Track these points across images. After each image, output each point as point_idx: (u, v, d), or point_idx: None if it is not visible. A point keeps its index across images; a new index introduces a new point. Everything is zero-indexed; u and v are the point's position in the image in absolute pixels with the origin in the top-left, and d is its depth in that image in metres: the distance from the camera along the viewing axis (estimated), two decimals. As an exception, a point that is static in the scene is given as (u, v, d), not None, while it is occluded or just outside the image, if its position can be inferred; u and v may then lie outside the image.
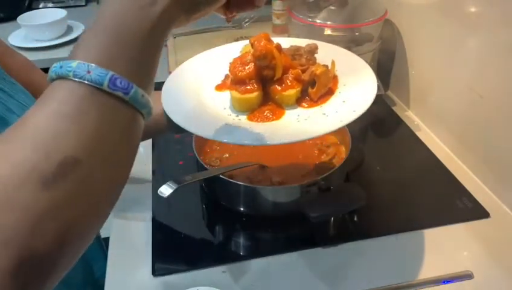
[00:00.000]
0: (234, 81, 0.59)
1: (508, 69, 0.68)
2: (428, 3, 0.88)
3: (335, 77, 0.61)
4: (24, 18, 1.35)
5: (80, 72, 0.29)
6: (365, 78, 0.59)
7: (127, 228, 0.71)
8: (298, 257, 0.65)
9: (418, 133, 0.91)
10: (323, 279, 0.61)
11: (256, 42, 0.58)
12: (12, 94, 0.59)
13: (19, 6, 1.51)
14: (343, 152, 0.77)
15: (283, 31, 1.25)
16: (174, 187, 0.66)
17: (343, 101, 0.57)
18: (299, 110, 0.58)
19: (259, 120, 0.57)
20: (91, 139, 0.29)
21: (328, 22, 0.91)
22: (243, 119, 0.57)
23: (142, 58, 0.33)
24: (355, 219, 0.71)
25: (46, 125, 0.28)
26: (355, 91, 0.58)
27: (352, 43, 0.91)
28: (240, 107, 0.58)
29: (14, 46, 1.32)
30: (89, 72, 0.29)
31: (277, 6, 1.25)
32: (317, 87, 0.57)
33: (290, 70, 0.59)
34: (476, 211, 0.71)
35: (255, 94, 0.57)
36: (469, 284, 0.60)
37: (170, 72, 1.17)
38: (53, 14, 1.38)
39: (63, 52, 1.32)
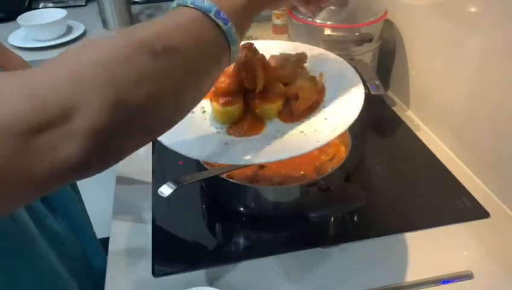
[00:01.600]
0: (215, 93, 0.57)
1: (508, 69, 0.68)
2: (428, 3, 0.88)
3: (322, 89, 0.60)
4: (24, 18, 1.35)
5: (197, 2, 0.38)
6: (353, 93, 0.57)
7: (127, 228, 0.71)
8: (298, 257, 0.65)
9: (418, 133, 0.91)
10: (323, 279, 0.61)
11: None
12: None
13: (19, 6, 1.51)
14: (343, 152, 0.77)
15: (283, 31, 1.25)
16: (174, 187, 0.66)
17: (325, 118, 0.55)
18: (279, 125, 0.56)
19: (237, 134, 0.56)
20: (191, 43, 0.37)
21: (328, 22, 0.91)
22: (222, 133, 0.56)
23: (243, 9, 0.41)
24: (355, 219, 0.71)
25: (165, 25, 0.37)
26: (340, 107, 0.56)
27: (352, 43, 0.91)
28: (220, 119, 0.57)
29: (14, 46, 1.32)
30: (203, 1, 0.38)
31: (277, 6, 1.25)
32: (299, 102, 0.56)
33: (273, 83, 0.57)
34: (476, 211, 0.71)
35: (235, 106, 0.56)
36: (469, 284, 0.60)
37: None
38: (53, 14, 1.37)
39: (63, 52, 1.32)
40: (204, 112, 0.60)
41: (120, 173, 0.82)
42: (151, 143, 0.88)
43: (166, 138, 0.52)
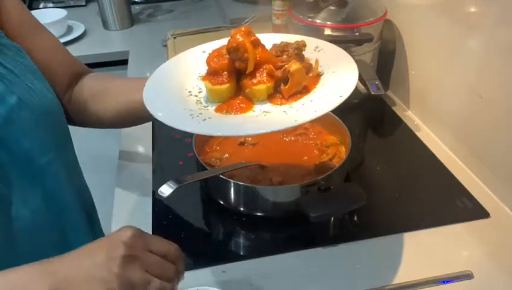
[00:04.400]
0: (209, 72, 0.59)
1: (508, 69, 0.68)
2: (428, 3, 0.88)
3: (317, 76, 0.60)
4: (24, 18, 1.35)
5: None
6: (345, 81, 0.57)
7: (127, 228, 0.71)
8: (298, 257, 0.65)
9: (418, 133, 0.91)
10: (323, 279, 0.61)
11: (233, 34, 0.58)
12: (20, 75, 0.59)
13: (19, 6, 1.51)
14: (343, 152, 0.77)
15: (283, 31, 1.24)
16: (174, 187, 0.66)
17: (311, 101, 0.56)
18: (267, 106, 0.57)
19: (224, 111, 0.57)
20: None
21: (328, 22, 0.91)
22: (210, 110, 0.58)
23: None
24: (355, 219, 0.71)
25: None
26: (328, 92, 0.56)
27: (352, 43, 0.91)
28: (211, 98, 0.59)
29: (14, 46, 1.32)
30: None
31: (277, 6, 1.25)
32: (289, 85, 0.56)
33: (264, 65, 0.58)
34: (476, 211, 0.71)
35: (225, 86, 0.58)
36: (469, 284, 0.60)
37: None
38: (53, 14, 1.38)
39: (63, 52, 1.32)
40: (200, 91, 0.62)
41: (120, 172, 0.82)
42: (151, 143, 0.88)
43: (160, 111, 0.55)
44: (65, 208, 0.66)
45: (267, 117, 0.55)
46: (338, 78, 0.58)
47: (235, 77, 0.59)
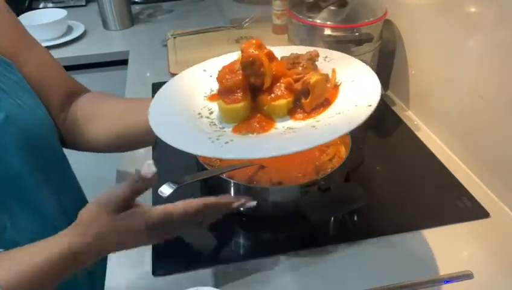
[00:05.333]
0: (221, 91, 0.55)
1: (508, 69, 0.68)
2: (428, 3, 0.88)
3: (336, 87, 0.57)
4: (24, 18, 1.35)
5: None
6: (368, 89, 0.55)
7: (127, 228, 0.71)
8: (298, 257, 0.65)
9: (418, 133, 0.91)
10: (323, 279, 0.61)
11: (244, 48, 0.54)
12: (9, 92, 0.56)
13: (19, 6, 1.51)
14: (343, 152, 0.77)
15: (283, 31, 1.25)
16: (174, 187, 0.66)
17: (338, 113, 0.53)
18: (290, 123, 0.54)
19: (243, 132, 0.53)
20: None
21: (328, 22, 0.91)
22: (228, 132, 0.53)
23: None
24: (355, 218, 0.71)
25: None
26: (353, 102, 0.54)
27: (352, 43, 0.91)
28: (227, 118, 0.55)
29: (14, 46, 1.32)
30: None
31: (277, 6, 1.25)
32: (310, 98, 0.53)
33: (281, 79, 0.55)
34: (476, 211, 0.71)
35: (241, 104, 0.54)
36: (469, 284, 0.60)
37: (170, 72, 1.17)
38: (53, 14, 1.38)
39: (63, 52, 1.32)
40: (211, 112, 0.58)
41: (120, 172, 0.82)
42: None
43: (171, 137, 0.52)
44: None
45: (298, 134, 0.51)
46: (359, 86, 0.56)
47: (250, 94, 0.55)
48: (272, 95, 0.54)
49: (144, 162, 0.48)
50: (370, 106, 0.51)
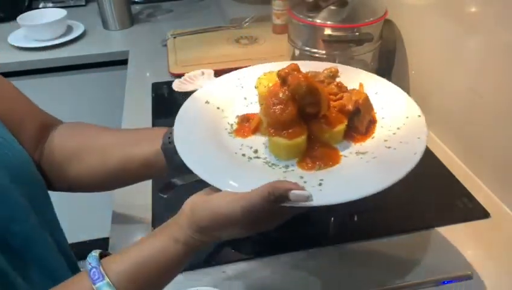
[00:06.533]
0: (277, 127, 0.49)
1: (508, 69, 0.68)
2: (428, 3, 0.88)
3: (368, 100, 0.56)
4: (24, 18, 1.35)
5: (95, 278, 0.43)
6: (398, 100, 0.58)
7: (126, 228, 0.71)
8: (298, 257, 0.65)
9: (418, 133, 0.91)
10: (323, 279, 0.61)
11: (290, 77, 0.49)
12: None
13: (19, 6, 1.51)
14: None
15: (283, 30, 1.25)
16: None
17: (398, 128, 0.53)
18: (352, 147, 0.51)
19: (317, 168, 0.48)
20: None
21: (328, 22, 0.91)
22: (297, 170, 0.48)
23: None
24: (355, 219, 0.71)
25: None
26: (406, 114, 0.55)
27: (352, 43, 0.91)
28: (287, 155, 0.49)
29: (14, 46, 1.32)
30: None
31: (277, 6, 1.25)
32: (362, 116, 0.51)
33: (330, 102, 0.51)
34: (476, 211, 0.71)
35: (303, 137, 0.49)
36: (469, 285, 0.60)
37: (170, 72, 1.17)
38: (53, 14, 1.38)
39: (63, 52, 1.32)
40: (255, 151, 0.52)
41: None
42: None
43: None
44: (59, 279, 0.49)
45: (377, 159, 0.48)
46: (390, 97, 0.58)
47: (305, 124, 0.50)
48: (328, 121, 0.51)
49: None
50: (420, 116, 0.57)
